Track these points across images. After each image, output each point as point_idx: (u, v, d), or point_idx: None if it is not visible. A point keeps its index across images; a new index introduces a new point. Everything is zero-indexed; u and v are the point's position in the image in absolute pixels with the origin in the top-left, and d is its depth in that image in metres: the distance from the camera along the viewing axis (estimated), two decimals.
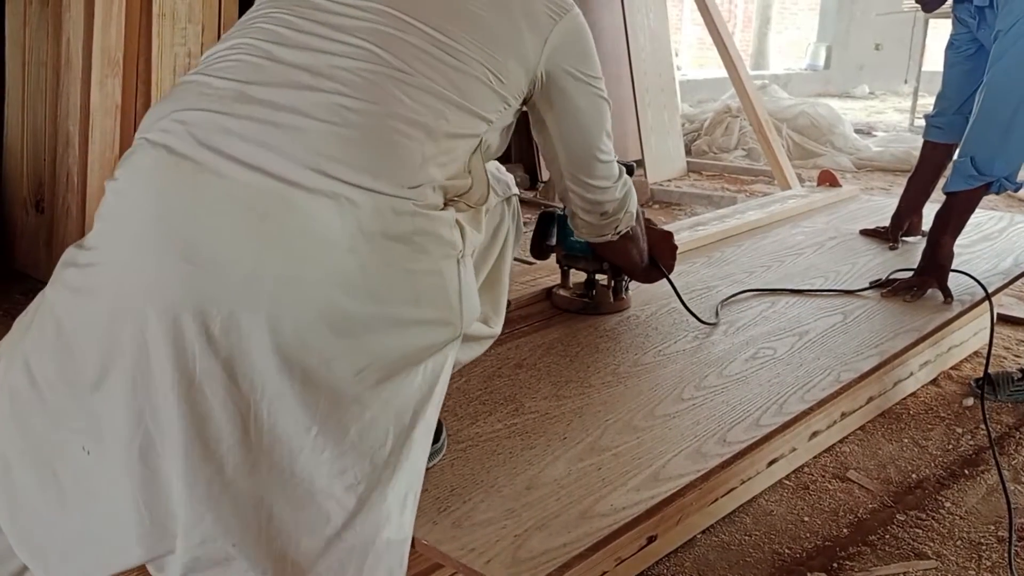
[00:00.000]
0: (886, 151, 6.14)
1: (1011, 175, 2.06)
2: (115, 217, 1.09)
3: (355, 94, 1.08)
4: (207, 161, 1.04)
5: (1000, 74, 2.01)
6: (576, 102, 1.35)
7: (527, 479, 1.26)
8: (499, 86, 1.20)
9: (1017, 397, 2.38)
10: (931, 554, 1.76)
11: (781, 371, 1.65)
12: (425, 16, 1.16)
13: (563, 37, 1.28)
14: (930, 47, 8.24)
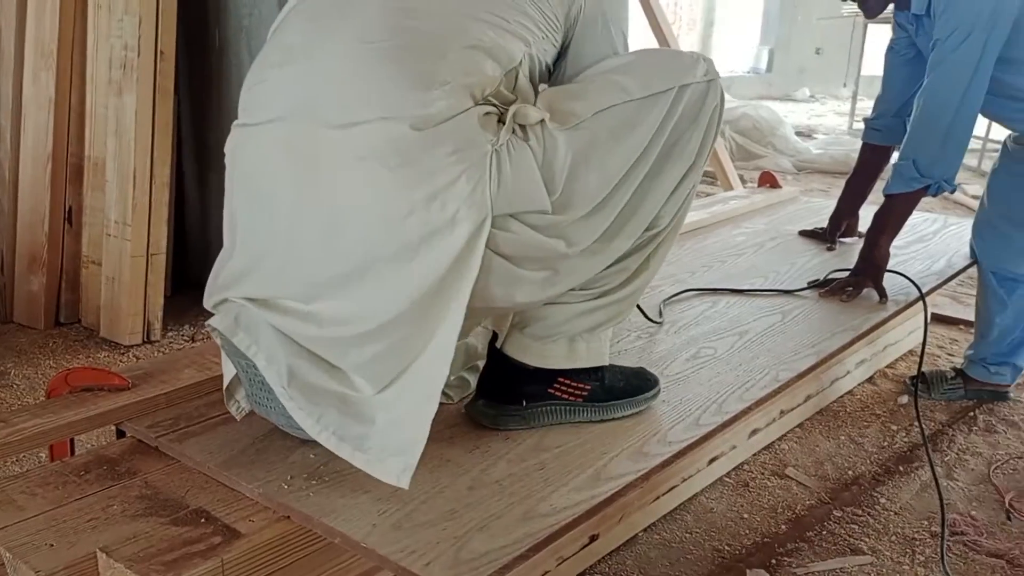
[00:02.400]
0: (826, 153, 6.25)
1: (949, 178, 2.12)
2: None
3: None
4: None
5: (938, 81, 2.06)
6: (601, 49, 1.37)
7: (469, 480, 1.26)
8: (535, 10, 1.27)
9: (950, 396, 2.45)
10: (867, 550, 1.80)
11: (721, 370, 1.67)
12: None
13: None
14: (869, 52, 8.42)
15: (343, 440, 1.22)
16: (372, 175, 1.15)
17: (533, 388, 1.44)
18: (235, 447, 1.34)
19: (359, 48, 1.19)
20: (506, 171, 1.18)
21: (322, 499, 1.19)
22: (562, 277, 1.31)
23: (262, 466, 1.28)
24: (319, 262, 1.19)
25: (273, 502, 1.21)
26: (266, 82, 1.27)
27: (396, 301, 1.18)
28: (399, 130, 1.14)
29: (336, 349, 1.22)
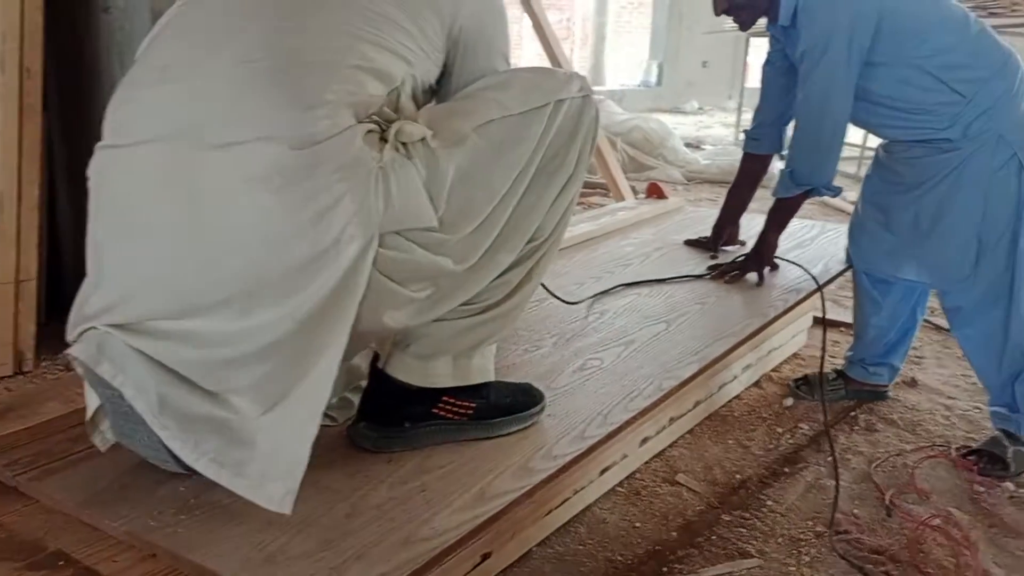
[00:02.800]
0: (713, 164, 6.42)
1: (827, 183, 2.23)
2: None
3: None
4: None
5: (807, 92, 2.13)
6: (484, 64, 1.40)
7: (348, 507, 1.22)
8: (417, 32, 1.28)
9: (831, 396, 2.52)
10: (755, 552, 1.83)
11: (607, 381, 1.68)
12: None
13: (479, 3, 1.38)
14: (752, 64, 8.70)
15: (223, 466, 1.17)
16: (255, 197, 1.13)
17: (417, 409, 1.42)
18: (99, 483, 1.27)
19: (239, 68, 1.17)
20: (391, 189, 1.18)
21: (191, 534, 1.14)
22: (448, 294, 1.31)
23: (127, 502, 1.22)
24: (201, 287, 1.16)
25: (138, 540, 1.15)
26: (136, 102, 1.23)
27: (282, 323, 1.14)
28: (279, 150, 1.12)
29: (216, 372, 1.17)
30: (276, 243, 1.13)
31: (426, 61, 1.31)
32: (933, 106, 2.06)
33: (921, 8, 2.09)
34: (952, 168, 2.07)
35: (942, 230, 2.12)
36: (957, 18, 2.09)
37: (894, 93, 2.09)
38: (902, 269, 2.28)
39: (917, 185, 2.15)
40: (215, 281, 1.15)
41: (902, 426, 2.41)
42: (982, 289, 2.11)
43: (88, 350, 1.21)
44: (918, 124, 2.10)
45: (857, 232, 2.37)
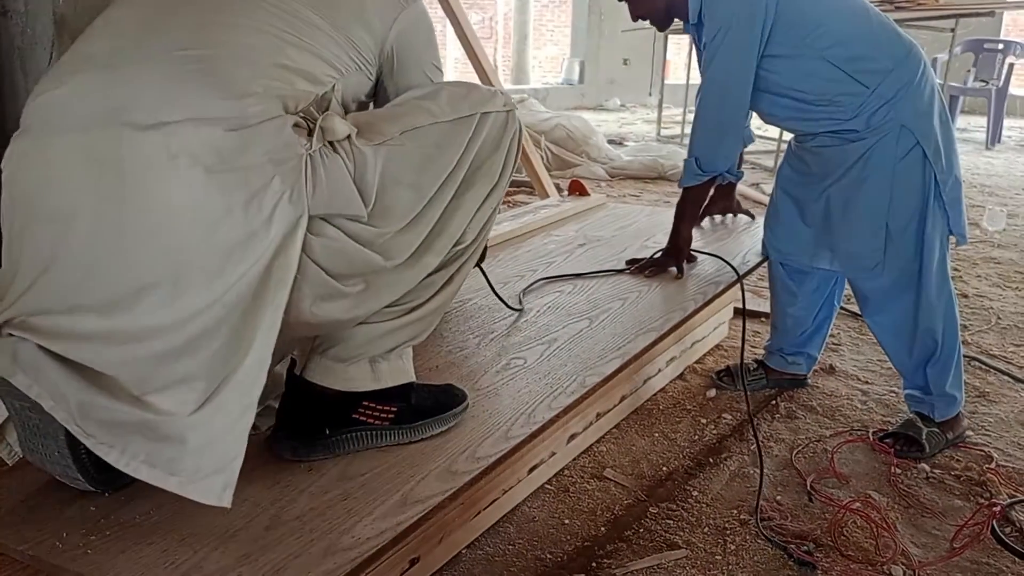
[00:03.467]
0: (636, 160, 6.49)
1: (731, 168, 2.29)
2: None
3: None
4: None
5: (706, 82, 2.19)
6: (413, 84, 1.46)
7: (267, 519, 1.19)
8: (347, 44, 1.32)
9: (753, 386, 2.57)
10: (681, 543, 1.85)
11: (530, 380, 1.68)
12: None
13: (409, 22, 1.43)
14: (672, 61, 8.82)
15: (154, 467, 1.13)
16: (186, 175, 1.11)
17: (336, 415, 1.40)
18: (2, 506, 1.22)
19: (169, 56, 1.17)
20: (320, 175, 1.19)
21: (100, 556, 1.10)
22: (376, 292, 1.31)
23: (33, 525, 1.17)
24: (125, 274, 1.12)
25: (45, 564, 1.10)
26: (58, 90, 1.18)
27: (211, 309, 1.12)
28: (212, 131, 1.12)
29: (142, 370, 1.14)
30: (206, 223, 1.12)
31: (357, 73, 1.35)
32: (836, 96, 2.09)
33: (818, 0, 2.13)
34: (858, 157, 2.12)
35: (852, 219, 2.18)
36: (856, 10, 2.13)
37: (797, 84, 2.12)
38: (816, 259, 2.33)
39: (825, 176, 2.21)
40: (141, 264, 1.12)
41: (821, 412, 2.47)
42: (892, 277, 2.17)
43: (1, 361, 1.15)
44: (822, 115, 2.14)
45: (773, 223, 2.42)
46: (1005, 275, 3.95)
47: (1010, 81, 8.11)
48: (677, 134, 8.29)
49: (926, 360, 2.22)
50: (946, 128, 2.13)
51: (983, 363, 2.83)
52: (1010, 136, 8.86)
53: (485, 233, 1.48)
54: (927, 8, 5.99)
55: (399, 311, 1.39)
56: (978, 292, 3.68)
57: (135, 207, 1.12)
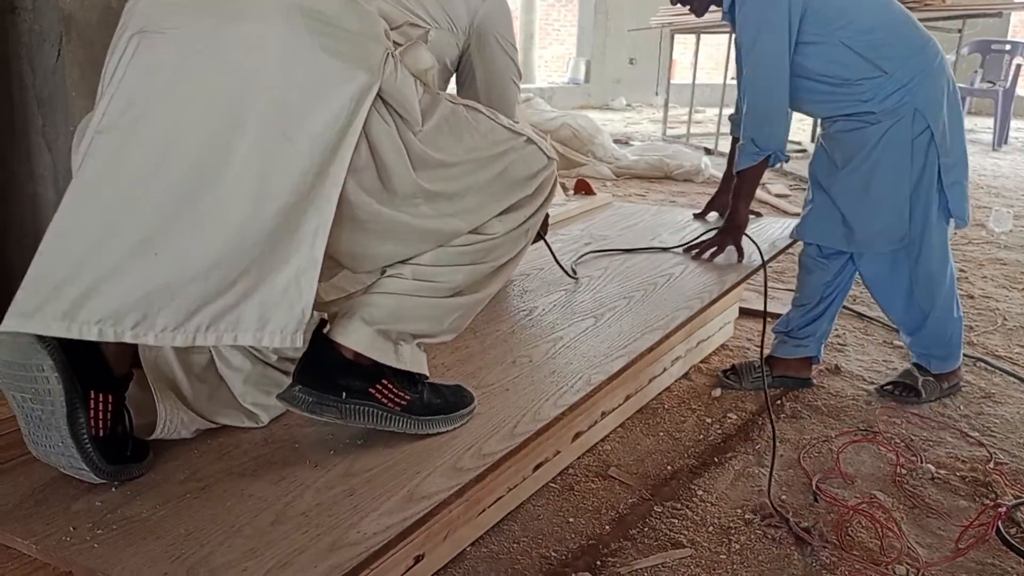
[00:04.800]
0: (642, 159, 6.49)
1: (781, 148, 2.38)
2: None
3: None
4: None
5: (749, 72, 2.31)
6: (498, 62, 1.71)
7: (273, 514, 1.20)
8: (444, 5, 1.56)
9: (757, 384, 2.57)
10: (686, 542, 1.85)
11: (537, 378, 1.68)
12: None
13: (494, 7, 1.68)
14: (678, 61, 8.82)
15: (219, 330, 1.19)
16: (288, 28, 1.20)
17: (355, 383, 1.40)
18: (10, 500, 1.22)
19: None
20: (393, 71, 1.28)
21: (107, 549, 1.10)
22: (399, 230, 1.36)
23: (41, 518, 1.17)
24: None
25: (53, 556, 1.11)
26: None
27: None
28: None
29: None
30: (292, 64, 1.20)
31: (448, 33, 1.56)
32: (857, 80, 2.25)
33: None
34: (877, 140, 2.27)
35: (874, 199, 2.31)
36: (879, 4, 2.29)
37: (821, 69, 2.28)
38: (843, 240, 2.41)
39: (848, 159, 2.34)
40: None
41: (826, 413, 2.46)
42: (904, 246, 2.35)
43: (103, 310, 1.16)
44: (843, 98, 2.30)
45: (806, 208, 2.50)
46: (1011, 276, 3.94)
47: (1017, 82, 8.09)
48: (683, 134, 8.28)
49: (921, 322, 2.44)
50: (955, 114, 2.30)
51: (989, 364, 2.82)
52: (1017, 137, 8.84)
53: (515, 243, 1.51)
54: (934, 8, 5.98)
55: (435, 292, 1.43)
56: (984, 293, 3.67)
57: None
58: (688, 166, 6.27)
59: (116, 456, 1.24)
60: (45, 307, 1.15)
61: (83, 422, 1.20)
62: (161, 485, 1.26)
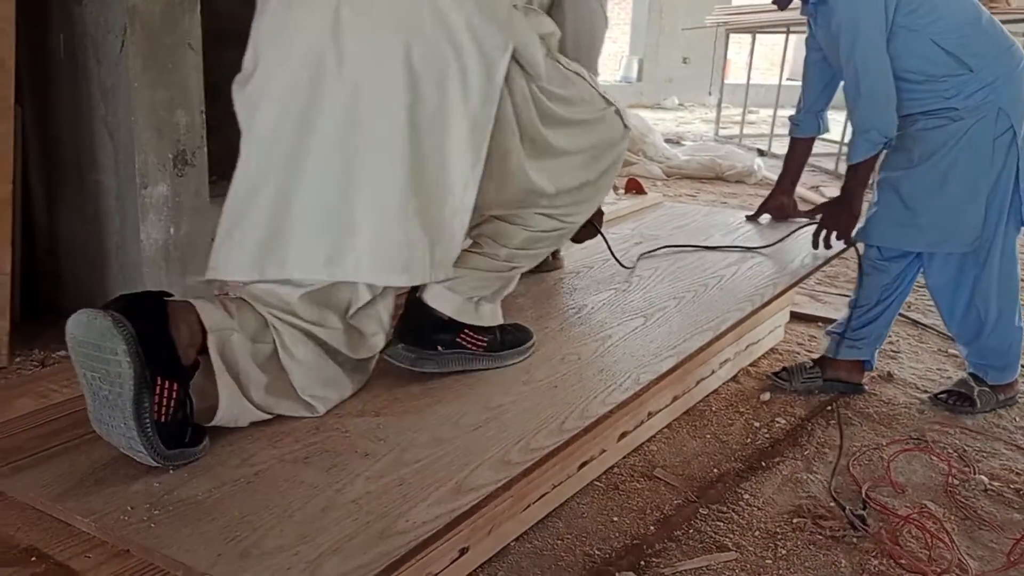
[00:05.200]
0: (693, 159, 6.44)
1: (894, 133, 2.36)
2: None
3: None
4: None
5: (857, 64, 2.28)
6: (590, 4, 1.72)
7: (324, 501, 1.21)
8: None
9: (808, 384, 2.57)
10: (732, 546, 1.84)
11: (585, 376, 1.68)
12: None
13: None
14: (732, 60, 8.73)
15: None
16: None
17: (445, 336, 1.66)
18: (71, 479, 1.25)
19: None
20: (521, 23, 1.47)
21: (164, 529, 1.13)
22: (521, 177, 1.57)
23: (100, 497, 1.20)
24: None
25: (111, 535, 1.14)
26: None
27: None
28: None
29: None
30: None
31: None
32: (942, 77, 2.26)
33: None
34: (959, 138, 2.27)
35: (950, 197, 2.30)
36: (967, 5, 2.30)
37: (906, 64, 2.27)
38: (916, 240, 2.40)
39: (930, 155, 2.32)
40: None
41: (878, 420, 2.43)
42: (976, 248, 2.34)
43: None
44: (925, 94, 2.29)
45: (871, 210, 2.49)
46: None
47: None
48: (735, 134, 8.20)
49: (980, 330, 2.41)
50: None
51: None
52: None
53: (578, 214, 1.73)
54: (1000, 11, 5.84)
55: (506, 267, 1.69)
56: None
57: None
58: (740, 167, 6.22)
59: (175, 442, 1.28)
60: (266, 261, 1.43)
61: (147, 407, 1.24)
62: (216, 469, 1.28)
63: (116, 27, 2.70)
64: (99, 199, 2.88)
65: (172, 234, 2.89)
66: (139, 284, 2.84)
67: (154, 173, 2.81)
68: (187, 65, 2.85)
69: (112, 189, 2.84)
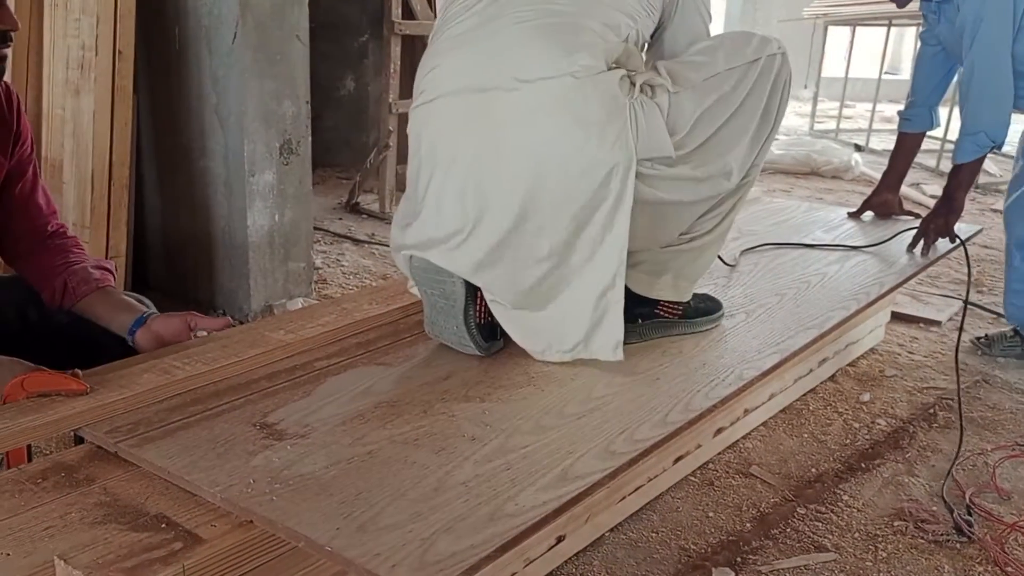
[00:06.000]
0: (787, 154, 6.32)
1: (1005, 138, 2.38)
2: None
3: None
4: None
5: (977, 63, 2.26)
6: (692, 21, 1.74)
7: (435, 481, 1.24)
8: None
9: (1007, 353, 2.72)
10: (830, 547, 1.82)
11: (687, 369, 1.68)
12: None
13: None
14: (829, 54, 8.52)
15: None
16: (542, 125, 1.50)
17: (644, 310, 1.80)
18: (196, 452, 1.31)
19: (516, 27, 1.53)
20: (641, 122, 1.52)
21: (285, 503, 1.17)
22: (686, 209, 1.69)
23: (223, 471, 1.26)
24: (502, 208, 1.54)
25: (235, 506, 1.19)
26: (440, 67, 1.61)
27: (561, 230, 1.55)
28: (561, 83, 1.48)
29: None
30: (558, 161, 1.50)
31: (647, 19, 1.64)
32: None
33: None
34: None
35: None
36: None
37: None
38: None
39: None
40: (506, 195, 1.53)
41: (983, 424, 2.36)
42: None
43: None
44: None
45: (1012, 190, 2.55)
46: None
47: None
48: (831, 128, 8.02)
49: None
50: None
51: None
52: None
53: (757, 170, 1.78)
54: None
55: (688, 238, 1.76)
56: None
57: (504, 152, 1.52)
58: (837, 162, 6.08)
59: (489, 337, 1.67)
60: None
61: (472, 314, 1.64)
62: (331, 447, 1.33)
63: (229, 19, 2.79)
64: (208, 185, 2.99)
65: (276, 221, 2.98)
66: (244, 268, 2.94)
67: (261, 161, 2.90)
68: (295, 56, 2.93)
69: (221, 176, 2.94)
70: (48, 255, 1.72)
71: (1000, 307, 3.25)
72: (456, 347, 1.68)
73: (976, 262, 3.78)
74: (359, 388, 1.55)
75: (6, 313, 1.72)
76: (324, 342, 1.76)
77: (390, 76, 4.29)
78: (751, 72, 1.66)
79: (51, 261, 1.71)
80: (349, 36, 5.60)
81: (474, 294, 1.63)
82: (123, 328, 1.68)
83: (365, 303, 1.95)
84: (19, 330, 1.70)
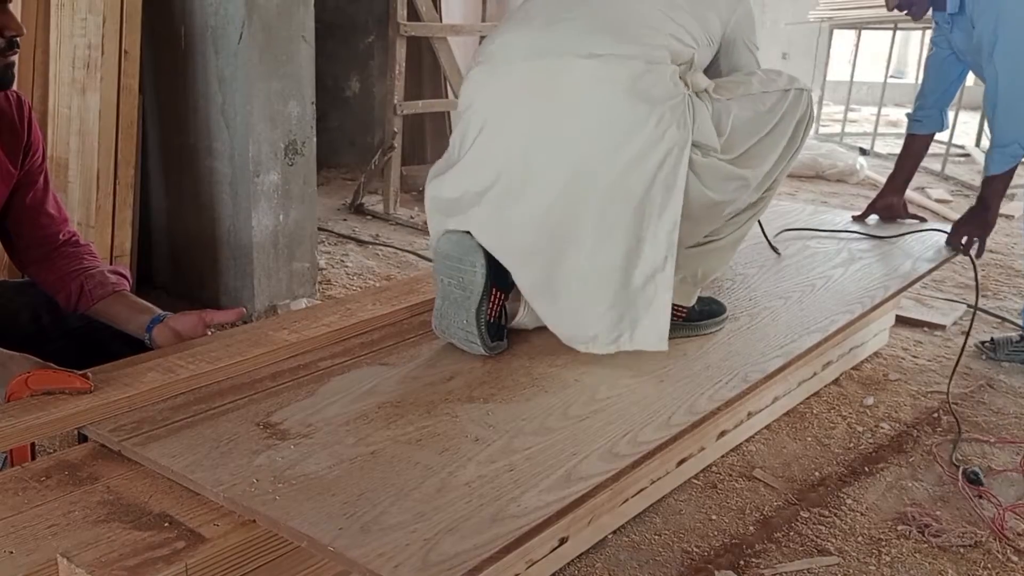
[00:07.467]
0: None
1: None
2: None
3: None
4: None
5: (1004, 71, 2.27)
6: (742, 61, 1.84)
7: (438, 482, 1.24)
8: (702, 23, 1.71)
9: (1013, 357, 2.68)
10: (833, 550, 1.81)
11: (691, 372, 1.68)
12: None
13: (743, 14, 1.82)
14: (834, 57, 8.51)
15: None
16: (607, 96, 1.55)
17: None
18: (199, 451, 1.31)
19: (589, 20, 1.63)
20: (694, 113, 1.60)
21: (288, 502, 1.17)
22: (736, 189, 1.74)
23: (227, 469, 1.26)
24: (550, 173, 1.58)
25: (238, 505, 1.19)
26: (509, 35, 1.70)
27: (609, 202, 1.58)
28: (633, 64, 1.56)
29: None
30: (615, 135, 1.55)
31: (706, 49, 1.73)
32: None
33: None
34: None
35: None
36: None
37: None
38: None
39: None
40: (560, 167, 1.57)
41: (986, 429, 2.36)
42: None
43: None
44: None
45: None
46: None
47: None
48: (836, 132, 8.01)
49: None
50: None
51: None
52: None
53: (773, 193, 1.90)
54: None
55: (708, 240, 1.81)
56: None
57: (562, 117, 1.57)
58: (842, 166, 6.07)
59: (495, 336, 1.68)
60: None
61: (484, 309, 1.65)
62: (334, 447, 1.33)
63: (235, 19, 2.80)
64: (213, 185, 2.99)
65: (281, 221, 2.99)
66: (249, 268, 2.94)
67: (266, 162, 2.91)
68: (301, 57, 2.94)
69: (226, 176, 2.95)
70: (62, 261, 1.72)
71: (1005, 311, 3.25)
72: (461, 345, 1.69)
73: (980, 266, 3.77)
74: (363, 388, 1.55)
75: (20, 317, 1.73)
76: (328, 342, 1.76)
77: (395, 77, 4.29)
78: (784, 100, 1.79)
79: (66, 266, 1.72)
80: (355, 37, 5.61)
81: (490, 290, 1.65)
82: (140, 328, 1.68)
83: (369, 303, 1.95)
84: (32, 333, 1.70)
